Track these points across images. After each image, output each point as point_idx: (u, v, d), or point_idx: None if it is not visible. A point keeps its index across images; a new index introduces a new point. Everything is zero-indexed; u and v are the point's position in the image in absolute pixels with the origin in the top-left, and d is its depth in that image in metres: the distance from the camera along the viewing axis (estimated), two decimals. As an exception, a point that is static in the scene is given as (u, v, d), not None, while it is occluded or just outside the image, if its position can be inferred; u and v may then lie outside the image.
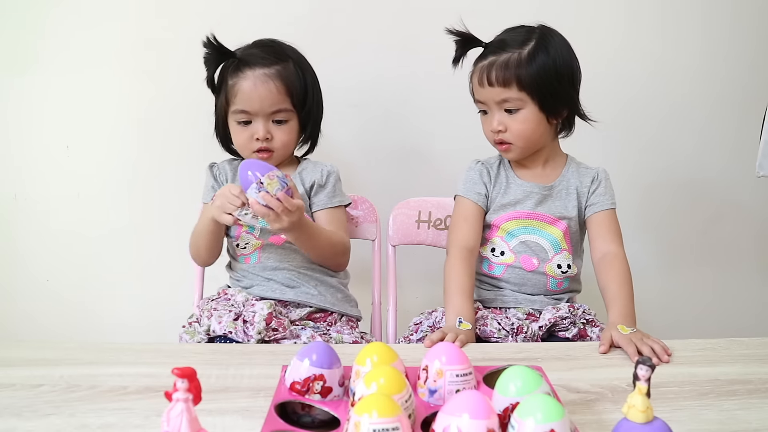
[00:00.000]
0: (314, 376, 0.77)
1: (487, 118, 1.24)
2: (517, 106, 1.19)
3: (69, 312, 1.77)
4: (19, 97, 1.67)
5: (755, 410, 0.81)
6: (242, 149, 1.27)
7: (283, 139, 1.25)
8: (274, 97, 1.22)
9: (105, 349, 0.97)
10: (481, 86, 1.21)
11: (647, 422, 0.64)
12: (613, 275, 1.17)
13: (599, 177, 1.27)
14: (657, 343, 0.98)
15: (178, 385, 0.60)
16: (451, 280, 1.19)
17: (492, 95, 1.20)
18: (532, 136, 1.22)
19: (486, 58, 1.21)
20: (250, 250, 1.27)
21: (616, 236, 1.23)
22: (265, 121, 1.23)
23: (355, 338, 1.20)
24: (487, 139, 1.27)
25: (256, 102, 1.21)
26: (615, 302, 1.13)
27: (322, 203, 1.29)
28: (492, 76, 1.18)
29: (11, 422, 0.75)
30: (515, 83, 1.17)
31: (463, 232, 1.25)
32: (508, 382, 0.72)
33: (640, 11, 1.72)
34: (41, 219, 1.73)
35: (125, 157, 1.71)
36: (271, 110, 1.23)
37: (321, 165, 1.32)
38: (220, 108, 1.29)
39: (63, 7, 1.62)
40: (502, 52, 1.19)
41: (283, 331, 1.13)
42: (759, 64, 1.76)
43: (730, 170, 1.82)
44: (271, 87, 1.21)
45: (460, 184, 1.29)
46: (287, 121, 1.25)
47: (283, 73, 1.23)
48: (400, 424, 0.62)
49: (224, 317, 1.14)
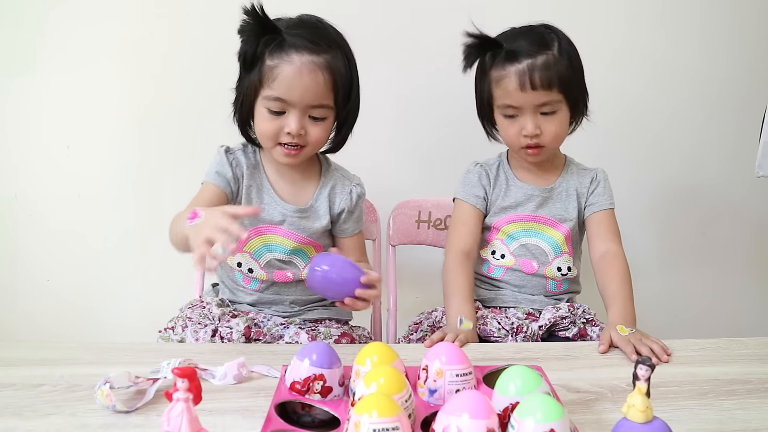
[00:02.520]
0: (314, 376, 0.77)
1: (515, 122, 1.19)
2: (555, 108, 1.17)
3: (69, 312, 1.77)
4: (19, 97, 1.67)
5: (754, 410, 0.81)
6: (266, 140, 1.11)
7: (318, 136, 1.10)
8: (320, 89, 1.06)
9: (105, 349, 0.97)
10: (523, 90, 1.14)
11: (647, 422, 0.64)
12: (613, 275, 1.17)
13: (598, 177, 1.27)
14: (656, 343, 0.98)
15: (179, 384, 0.60)
16: (450, 283, 1.19)
17: (533, 99, 1.15)
18: (563, 137, 1.22)
19: (518, 61, 1.15)
20: (251, 276, 1.18)
21: (615, 235, 1.23)
22: (301, 114, 1.07)
23: (344, 331, 1.17)
24: (510, 145, 1.23)
25: (297, 92, 1.05)
26: (614, 302, 1.13)
27: (350, 230, 1.22)
28: (536, 79, 1.13)
29: (12, 422, 0.75)
30: (557, 84, 1.15)
31: (460, 237, 1.25)
32: (508, 382, 0.72)
33: (639, 12, 1.72)
34: (41, 219, 1.73)
35: (126, 156, 1.71)
36: (312, 104, 1.07)
37: (349, 184, 1.21)
38: (249, 87, 1.09)
39: (62, 6, 1.62)
40: (536, 54, 1.15)
41: (263, 338, 1.11)
42: (758, 64, 1.76)
43: (730, 170, 1.82)
44: (319, 78, 1.05)
45: (459, 187, 1.29)
46: (325, 119, 1.10)
47: (333, 64, 1.07)
48: (400, 423, 0.62)
49: (200, 332, 1.08)
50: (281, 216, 1.17)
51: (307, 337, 1.10)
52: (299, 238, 1.17)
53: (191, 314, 1.15)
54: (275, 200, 1.17)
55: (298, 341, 1.10)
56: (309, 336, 1.11)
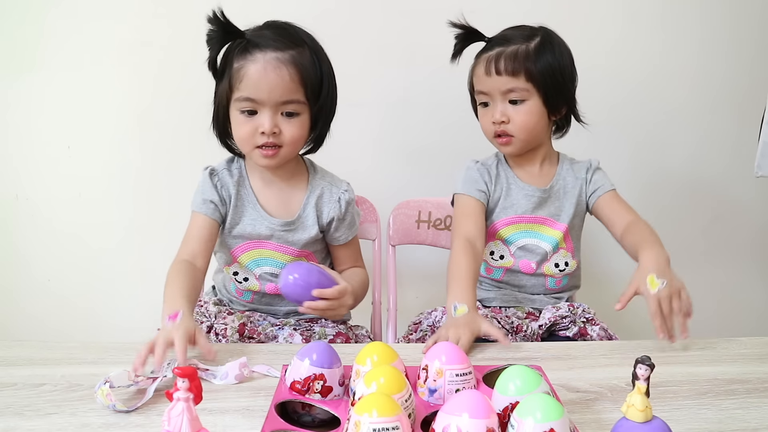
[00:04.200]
0: (314, 376, 0.77)
1: (488, 110, 1.23)
2: (523, 96, 1.19)
3: (70, 312, 1.77)
4: (20, 97, 1.67)
5: (754, 410, 0.81)
6: (244, 144, 1.11)
7: (292, 133, 1.09)
8: (287, 85, 1.06)
9: (106, 349, 0.97)
10: (488, 75, 1.19)
11: (646, 421, 0.64)
12: (639, 231, 1.15)
13: (592, 165, 1.28)
14: (685, 301, 0.98)
15: (179, 384, 0.60)
16: (451, 269, 1.14)
17: (498, 84, 1.19)
18: (534, 129, 1.21)
19: (492, 49, 1.20)
20: (244, 288, 1.20)
21: (630, 209, 1.22)
22: (273, 112, 1.07)
23: (339, 330, 1.16)
24: (485, 134, 1.26)
25: (265, 89, 1.05)
26: (644, 245, 1.09)
27: (343, 238, 1.21)
28: (501, 65, 1.18)
29: (13, 421, 0.75)
30: (523, 73, 1.17)
31: (466, 227, 1.22)
32: (508, 382, 0.72)
33: (638, 11, 1.72)
34: (42, 219, 1.73)
35: (126, 157, 1.71)
36: (282, 100, 1.07)
37: (337, 190, 1.20)
38: (221, 94, 1.11)
39: (63, 7, 1.62)
40: (509, 44, 1.19)
41: (258, 337, 1.11)
42: (758, 63, 1.76)
43: (729, 170, 1.82)
44: (284, 73, 1.05)
45: (459, 182, 1.28)
46: (298, 114, 1.09)
47: (298, 59, 1.07)
48: (400, 423, 0.63)
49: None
50: (269, 231, 1.16)
51: (301, 339, 1.11)
52: (290, 251, 1.18)
53: None
54: (262, 215, 1.16)
55: (292, 342, 1.11)
56: (303, 338, 1.11)
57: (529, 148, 1.25)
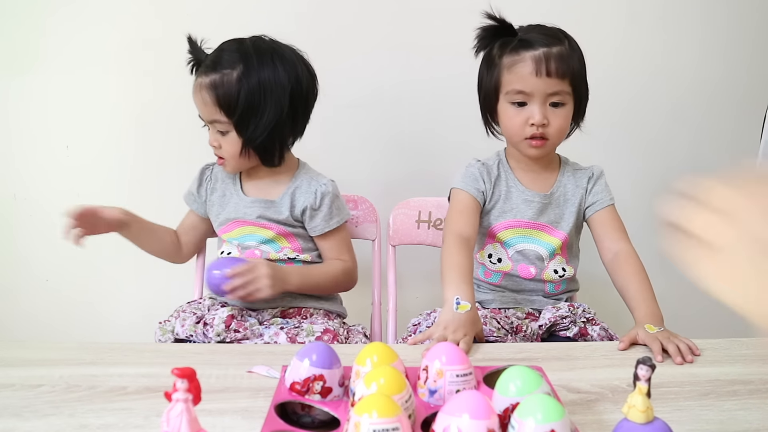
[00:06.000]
0: (314, 376, 0.77)
1: (523, 110, 1.16)
2: (564, 100, 1.16)
3: (69, 312, 1.77)
4: (19, 97, 1.67)
5: (756, 411, 0.81)
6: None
7: (226, 149, 1.22)
8: (207, 107, 1.20)
9: (105, 349, 0.97)
10: (537, 76, 1.13)
11: (647, 422, 0.64)
12: (631, 274, 1.15)
13: (595, 175, 1.26)
14: (683, 342, 0.97)
15: (178, 385, 0.59)
16: (446, 265, 1.13)
17: (545, 87, 1.14)
18: (564, 133, 1.20)
19: (534, 48, 1.14)
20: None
21: (622, 233, 1.22)
22: (211, 130, 1.23)
23: (327, 327, 1.15)
24: (512, 134, 1.20)
25: (199, 110, 1.23)
26: (639, 302, 1.10)
27: (319, 228, 1.26)
28: (551, 67, 1.13)
29: (11, 422, 0.75)
30: (569, 76, 1.15)
31: (459, 223, 1.20)
32: (508, 382, 0.72)
33: (639, 12, 1.72)
34: (41, 218, 1.73)
35: (125, 156, 1.71)
36: (208, 120, 1.22)
37: (316, 183, 1.26)
38: None
39: (63, 7, 1.62)
40: (550, 45, 1.14)
41: (244, 331, 1.13)
42: (758, 64, 1.76)
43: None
44: (205, 97, 1.19)
45: (459, 177, 1.25)
46: (226, 133, 1.21)
47: (216, 82, 1.17)
48: (400, 424, 0.62)
49: (187, 321, 1.15)
50: (249, 209, 1.26)
51: (286, 338, 1.12)
52: (271, 227, 1.25)
53: (186, 308, 1.23)
54: (243, 200, 1.27)
55: (276, 341, 1.11)
56: (288, 338, 1.12)
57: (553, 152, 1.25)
